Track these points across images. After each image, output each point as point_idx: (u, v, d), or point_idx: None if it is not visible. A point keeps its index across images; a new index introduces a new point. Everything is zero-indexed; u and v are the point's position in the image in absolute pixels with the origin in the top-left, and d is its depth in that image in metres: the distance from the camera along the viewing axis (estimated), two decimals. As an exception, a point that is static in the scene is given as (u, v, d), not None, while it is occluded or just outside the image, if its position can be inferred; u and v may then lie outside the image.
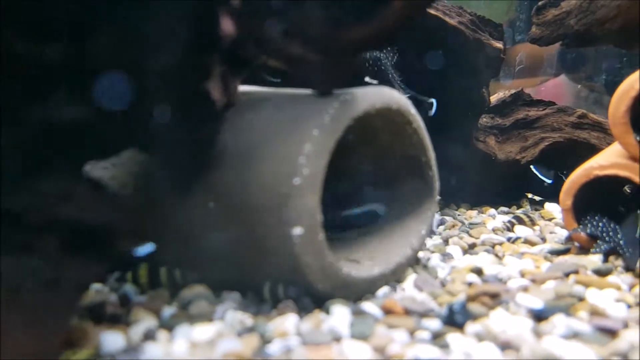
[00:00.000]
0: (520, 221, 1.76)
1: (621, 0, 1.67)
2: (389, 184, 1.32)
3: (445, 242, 1.61)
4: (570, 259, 1.36)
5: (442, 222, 1.95)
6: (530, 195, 2.45)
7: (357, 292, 1.07)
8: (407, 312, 1.00)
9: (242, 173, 1.00)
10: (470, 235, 1.72)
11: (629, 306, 1.04)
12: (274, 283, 1.01)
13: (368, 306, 1.01)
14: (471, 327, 0.93)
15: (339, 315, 0.97)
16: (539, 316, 0.98)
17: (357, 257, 1.19)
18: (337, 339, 0.88)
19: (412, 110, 1.24)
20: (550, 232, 1.68)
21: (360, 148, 1.28)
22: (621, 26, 1.70)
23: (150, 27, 0.74)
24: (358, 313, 0.99)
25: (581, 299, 1.06)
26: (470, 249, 1.54)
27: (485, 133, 2.30)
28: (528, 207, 2.23)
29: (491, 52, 1.98)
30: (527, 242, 1.60)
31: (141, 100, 0.78)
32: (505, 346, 0.86)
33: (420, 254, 1.40)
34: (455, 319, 0.95)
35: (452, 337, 0.89)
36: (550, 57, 3.25)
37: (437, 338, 0.91)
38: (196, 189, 1.03)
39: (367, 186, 1.30)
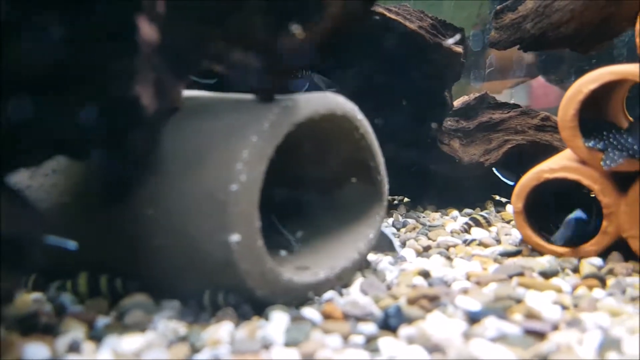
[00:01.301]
0: (477, 223, 1.79)
1: (574, 5, 1.70)
2: (337, 188, 1.32)
3: (403, 244, 1.63)
4: (518, 261, 1.38)
5: (404, 225, 1.97)
6: (497, 197, 2.48)
7: (300, 298, 1.07)
8: (346, 316, 1.01)
9: (181, 180, 1.00)
10: (429, 238, 1.74)
11: (565, 308, 1.06)
12: (214, 290, 1.01)
13: (308, 312, 1.02)
14: (405, 330, 0.94)
15: (277, 321, 0.97)
16: (474, 318, 0.99)
17: (304, 261, 1.19)
18: (268, 346, 0.88)
19: (359, 116, 1.25)
20: (506, 234, 1.70)
21: (307, 154, 1.29)
22: (575, 30, 1.74)
23: (62, 32, 0.74)
24: (297, 319, 0.99)
25: (519, 301, 1.08)
26: (425, 251, 1.56)
27: (450, 136, 2.32)
28: (492, 209, 2.26)
29: (451, 56, 2.00)
30: (481, 244, 1.62)
31: (62, 106, 0.77)
32: (433, 349, 0.88)
33: (372, 257, 1.41)
34: (389, 323, 0.95)
35: (384, 341, 0.90)
36: (519, 60, 3.29)
37: (370, 342, 0.91)
38: (135, 195, 1.02)
39: (315, 191, 1.30)
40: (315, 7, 0.98)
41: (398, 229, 1.92)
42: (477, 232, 1.73)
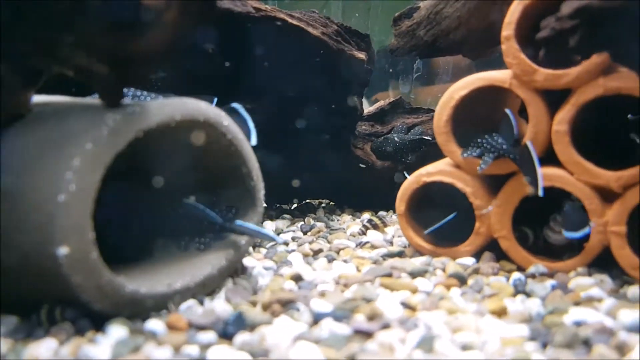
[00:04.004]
0: (375, 226, 1.82)
1: (461, 12, 1.76)
2: (209, 195, 1.32)
3: (299, 247, 1.64)
4: (395, 262, 1.41)
5: (311, 228, 1.98)
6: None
7: (150, 309, 1.05)
8: (191, 326, 1.00)
9: (13, 191, 0.97)
10: (328, 241, 1.76)
11: (410, 307, 1.08)
12: (51, 305, 0.98)
13: (153, 323, 1.00)
14: (241, 337, 0.94)
15: (111, 336, 0.95)
16: (317, 320, 1.01)
17: (167, 271, 1.18)
18: (84, 361, 0.87)
19: (225, 122, 1.25)
20: (399, 236, 1.74)
21: (175, 160, 1.28)
22: (463, 36, 1.80)
23: None
24: (136, 332, 0.97)
25: (370, 301, 1.10)
26: (314, 255, 1.57)
27: (364, 140, 2.36)
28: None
29: (354, 63, 2.03)
30: (372, 246, 1.65)
31: None
32: (261, 354, 0.88)
33: (249, 263, 1.41)
34: (227, 331, 0.95)
35: (214, 350, 0.90)
36: (445, 65, 3.38)
37: (203, 351, 0.91)
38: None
39: (187, 198, 1.29)
40: (154, 10, 0.98)
41: (305, 233, 1.93)
42: (372, 235, 1.76)
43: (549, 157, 1.39)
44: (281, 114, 2.07)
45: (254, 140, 1.40)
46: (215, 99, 1.65)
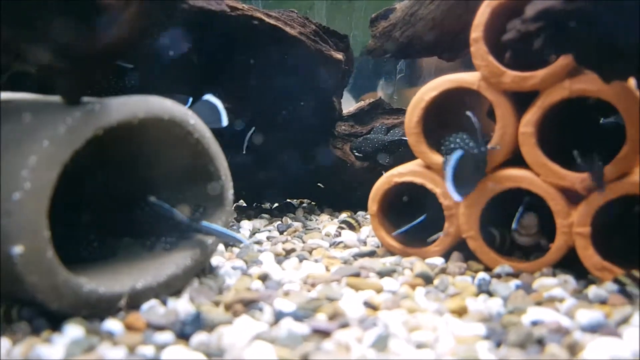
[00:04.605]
0: (351, 226, 1.82)
1: (435, 14, 1.77)
2: (177, 194, 1.31)
3: (274, 246, 1.64)
4: (364, 262, 1.41)
5: (287, 227, 1.98)
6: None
7: (108, 309, 1.04)
8: (150, 326, 0.99)
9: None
10: (302, 241, 1.76)
11: (372, 307, 1.08)
12: (8, 305, 0.97)
13: (110, 323, 0.99)
14: (199, 337, 0.93)
15: (68, 335, 0.94)
16: (278, 320, 1.01)
17: (131, 270, 1.17)
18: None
19: (192, 120, 1.24)
20: (373, 236, 1.74)
21: (142, 159, 1.27)
22: (437, 38, 1.81)
23: None
24: (92, 332, 0.97)
25: (334, 300, 1.10)
26: (286, 254, 1.57)
27: (343, 141, 2.36)
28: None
29: (332, 63, 2.04)
30: (346, 246, 1.65)
31: None
32: (215, 354, 0.88)
33: (218, 262, 1.41)
34: (184, 331, 0.95)
35: (170, 350, 0.89)
36: (429, 66, 3.40)
37: (158, 351, 0.91)
38: None
39: (154, 197, 1.29)
40: (113, 8, 0.98)
41: (281, 232, 1.93)
42: (346, 235, 1.76)
43: (517, 159, 1.41)
44: (257, 114, 2.07)
45: (225, 121, 1.44)
46: (190, 99, 1.65)
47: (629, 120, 1.26)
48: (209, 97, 1.53)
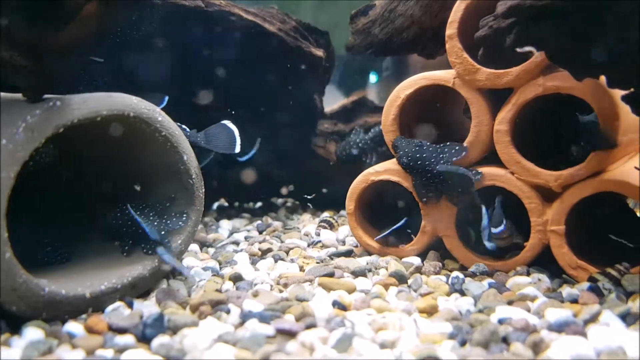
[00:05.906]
0: (331, 225, 1.80)
1: (413, 10, 1.76)
2: (145, 192, 1.29)
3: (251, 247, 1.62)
4: (340, 261, 1.40)
5: (267, 227, 1.95)
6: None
7: (71, 311, 1.02)
8: (111, 328, 0.97)
9: None
10: (281, 241, 1.74)
11: (340, 306, 1.07)
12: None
13: (71, 326, 0.97)
14: (160, 340, 0.91)
15: (27, 337, 0.91)
16: (244, 321, 0.99)
17: (95, 272, 1.14)
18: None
19: (159, 117, 1.22)
20: (351, 235, 1.72)
21: (109, 157, 1.25)
22: (416, 35, 1.80)
23: None
24: (52, 334, 0.94)
25: (304, 300, 1.09)
26: (263, 254, 1.55)
27: (326, 139, 2.34)
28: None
29: (312, 60, 2.02)
30: (323, 245, 1.64)
31: None
32: (175, 357, 0.86)
33: (190, 263, 1.39)
34: (146, 334, 0.93)
35: (129, 353, 0.87)
36: (415, 63, 3.38)
37: (117, 354, 0.88)
38: None
39: (121, 195, 1.26)
40: (76, 4, 0.95)
41: (260, 232, 1.90)
42: (325, 234, 1.74)
43: (493, 156, 1.40)
44: (234, 111, 2.04)
45: (238, 149, 1.55)
46: (166, 98, 1.62)
47: (602, 117, 1.26)
48: (227, 122, 1.57)
